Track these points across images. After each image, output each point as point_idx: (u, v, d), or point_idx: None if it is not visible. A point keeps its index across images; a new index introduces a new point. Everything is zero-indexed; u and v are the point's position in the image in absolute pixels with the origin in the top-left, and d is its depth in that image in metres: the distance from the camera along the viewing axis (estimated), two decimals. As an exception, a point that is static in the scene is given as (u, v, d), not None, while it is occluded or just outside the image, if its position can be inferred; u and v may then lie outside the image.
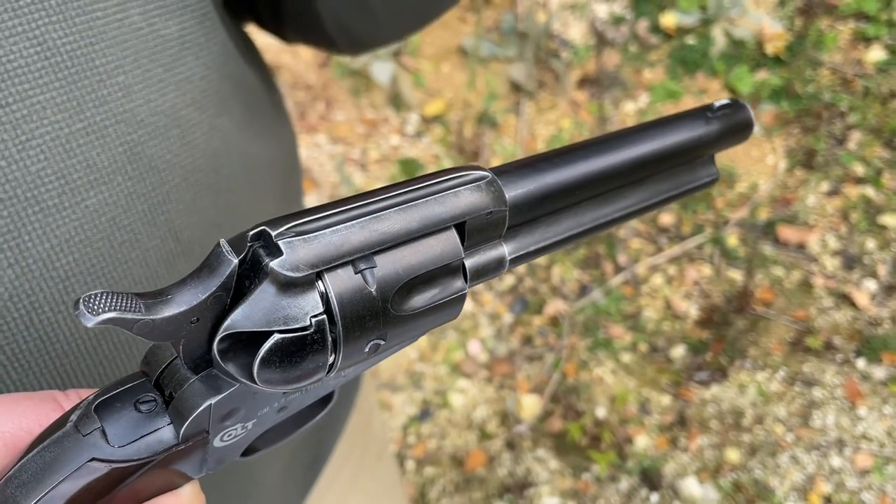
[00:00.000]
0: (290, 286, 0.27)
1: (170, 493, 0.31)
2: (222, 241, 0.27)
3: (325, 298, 0.28)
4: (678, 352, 2.06)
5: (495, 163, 2.53)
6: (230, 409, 0.29)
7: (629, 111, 2.52)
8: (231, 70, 0.50)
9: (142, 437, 0.28)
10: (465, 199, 0.31)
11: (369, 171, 2.52)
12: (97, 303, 0.25)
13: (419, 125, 2.62)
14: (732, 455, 1.87)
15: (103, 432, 0.28)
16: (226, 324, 0.27)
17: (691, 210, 2.30)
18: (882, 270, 2.12)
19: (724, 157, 2.37)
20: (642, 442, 1.92)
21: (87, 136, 0.41)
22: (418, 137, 2.60)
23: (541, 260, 2.27)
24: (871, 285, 2.10)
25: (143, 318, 0.25)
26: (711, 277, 2.18)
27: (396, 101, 2.63)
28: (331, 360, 0.29)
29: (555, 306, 2.17)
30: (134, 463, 0.28)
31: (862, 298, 2.07)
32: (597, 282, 2.20)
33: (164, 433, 0.29)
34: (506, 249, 0.34)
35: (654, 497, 1.83)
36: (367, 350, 0.29)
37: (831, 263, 2.16)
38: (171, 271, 0.46)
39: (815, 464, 1.83)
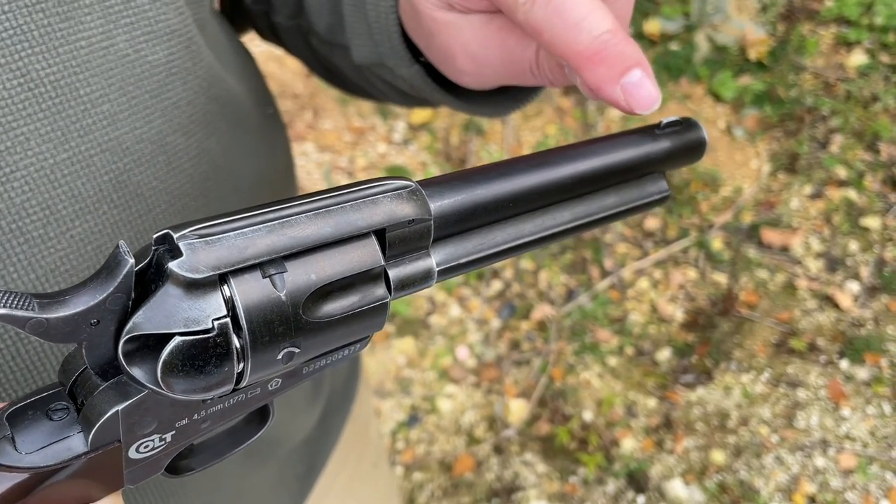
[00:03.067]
0: (191, 288, 0.27)
1: None
2: (121, 243, 0.27)
3: (230, 302, 0.27)
4: (664, 355, 2.08)
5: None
6: (141, 417, 0.29)
7: (614, 117, 2.55)
8: (217, 92, 0.50)
9: (50, 444, 0.28)
10: (384, 208, 0.31)
11: (357, 178, 2.54)
12: None
13: (406, 133, 2.64)
14: (718, 456, 1.88)
15: (12, 439, 0.28)
16: (128, 326, 0.27)
17: (676, 214, 2.32)
18: (865, 272, 2.14)
19: (708, 162, 2.40)
20: (629, 444, 1.93)
21: (72, 166, 0.40)
22: (405, 145, 2.61)
23: (528, 265, 2.28)
24: (853, 287, 2.12)
25: (34, 316, 0.25)
26: (696, 281, 2.20)
27: (383, 109, 2.65)
28: (239, 367, 0.28)
29: (542, 311, 2.18)
30: (41, 470, 0.28)
31: (845, 300, 2.09)
32: (583, 286, 2.22)
33: (74, 441, 0.28)
34: (434, 260, 0.33)
35: (641, 499, 1.84)
36: (279, 357, 0.29)
37: (815, 265, 2.18)
38: None
39: (800, 464, 1.84)
